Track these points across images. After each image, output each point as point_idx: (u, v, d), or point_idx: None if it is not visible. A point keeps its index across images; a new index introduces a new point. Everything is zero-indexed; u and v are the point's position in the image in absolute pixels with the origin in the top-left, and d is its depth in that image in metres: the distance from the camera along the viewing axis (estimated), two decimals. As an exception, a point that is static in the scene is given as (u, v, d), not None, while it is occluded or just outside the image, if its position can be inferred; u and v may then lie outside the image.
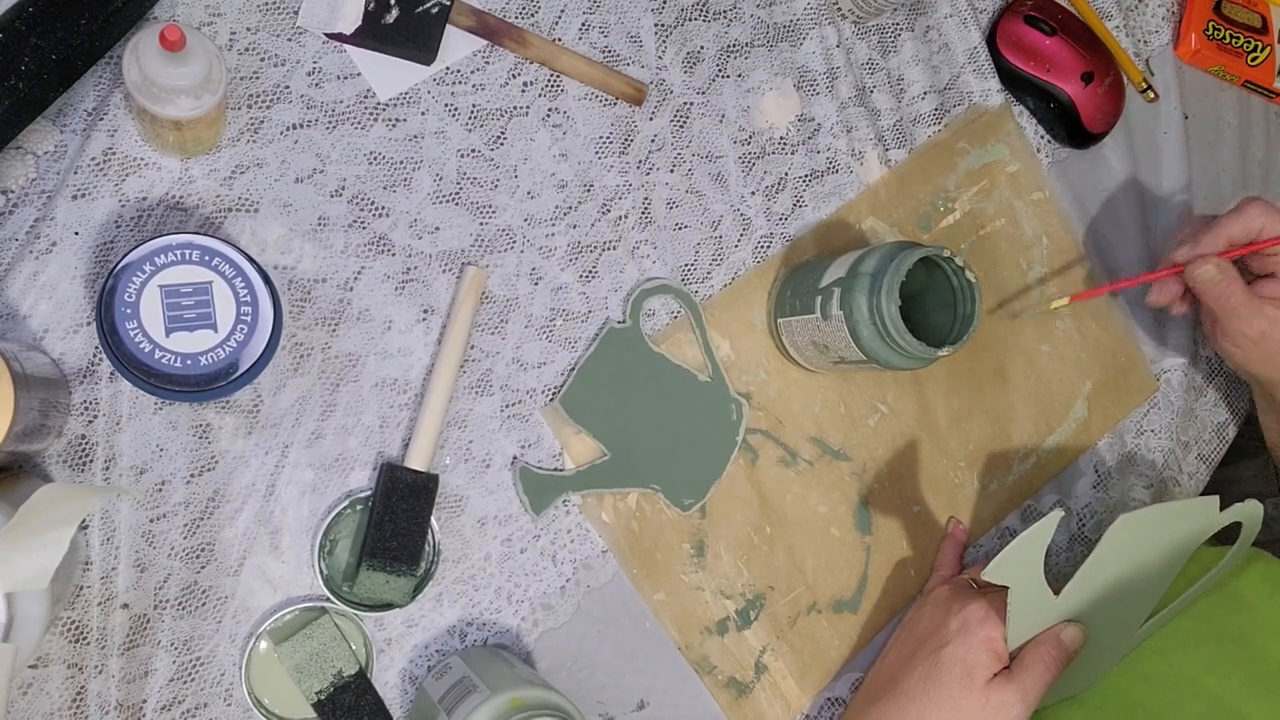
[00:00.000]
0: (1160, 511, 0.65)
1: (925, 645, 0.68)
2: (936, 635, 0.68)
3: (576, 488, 0.70)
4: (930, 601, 0.72)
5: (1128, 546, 0.65)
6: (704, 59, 0.76)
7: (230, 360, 0.57)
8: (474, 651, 0.67)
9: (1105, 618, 0.67)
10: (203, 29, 0.66)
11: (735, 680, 0.73)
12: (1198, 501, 0.67)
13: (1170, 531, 0.66)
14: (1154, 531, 0.66)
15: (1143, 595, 0.69)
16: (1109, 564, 0.65)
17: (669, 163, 0.75)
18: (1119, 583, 0.66)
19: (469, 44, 0.71)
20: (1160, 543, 0.66)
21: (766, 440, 0.75)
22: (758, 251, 0.76)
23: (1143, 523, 0.64)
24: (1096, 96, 0.84)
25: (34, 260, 0.62)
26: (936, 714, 0.65)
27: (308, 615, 0.65)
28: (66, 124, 0.63)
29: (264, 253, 0.66)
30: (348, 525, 0.66)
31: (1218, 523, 0.68)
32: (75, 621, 0.61)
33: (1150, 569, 0.67)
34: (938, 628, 0.68)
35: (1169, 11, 0.93)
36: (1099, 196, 0.87)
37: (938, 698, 0.65)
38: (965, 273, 0.67)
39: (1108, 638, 0.69)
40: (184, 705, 0.63)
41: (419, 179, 0.69)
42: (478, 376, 0.69)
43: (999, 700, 0.64)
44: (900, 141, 0.81)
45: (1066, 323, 0.84)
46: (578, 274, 0.72)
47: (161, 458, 0.63)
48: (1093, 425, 0.84)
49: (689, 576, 0.72)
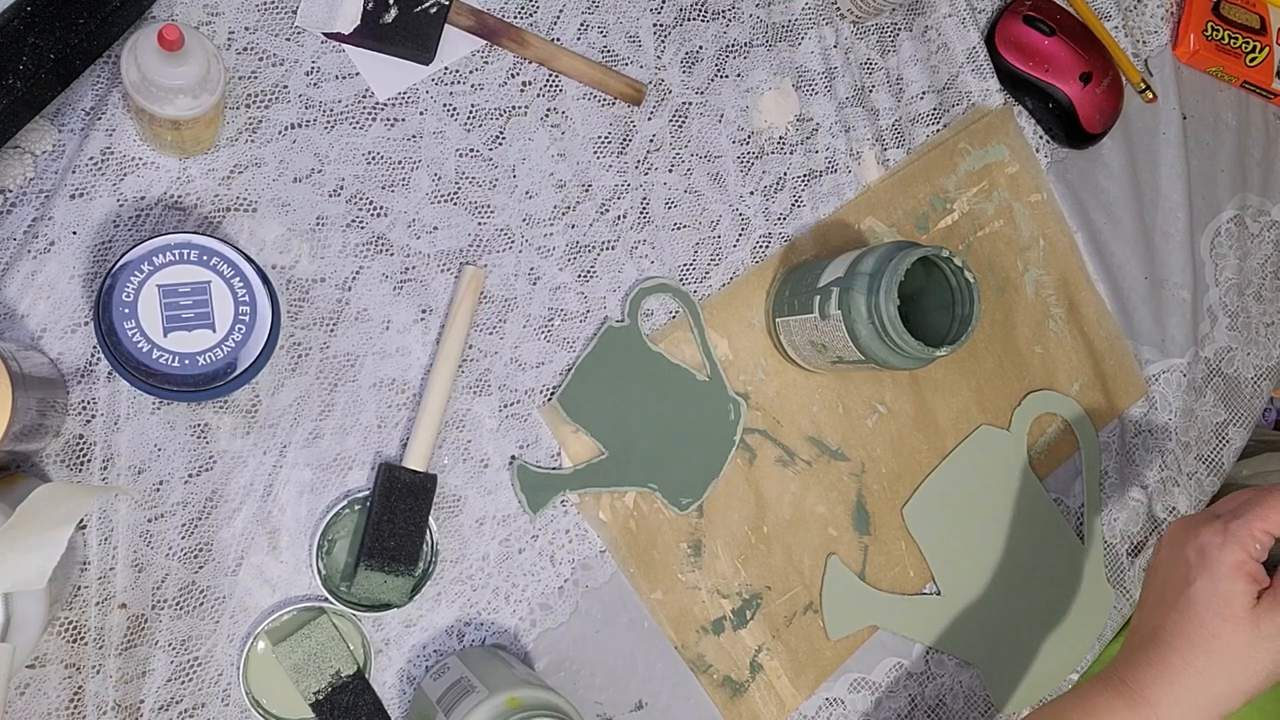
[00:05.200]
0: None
1: (1169, 587, 0.61)
2: (1178, 573, 0.61)
3: (574, 486, 0.70)
4: (1164, 543, 0.65)
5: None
6: (703, 59, 0.76)
7: (228, 360, 0.57)
8: (472, 651, 0.67)
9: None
10: (201, 28, 0.66)
11: (730, 679, 0.73)
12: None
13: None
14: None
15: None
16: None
17: (667, 162, 0.75)
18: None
19: (467, 44, 0.71)
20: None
21: (764, 440, 0.75)
22: (756, 251, 0.76)
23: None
24: (1095, 97, 0.84)
25: (32, 260, 0.62)
26: (1204, 658, 0.58)
27: (306, 615, 0.65)
28: (64, 123, 0.63)
29: (262, 252, 0.66)
30: (346, 525, 0.66)
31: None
32: (73, 621, 0.61)
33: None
34: (1173, 564, 0.62)
35: (1168, 12, 0.93)
36: (1097, 197, 0.87)
37: (1200, 639, 0.58)
38: (964, 273, 0.67)
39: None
40: (182, 705, 0.63)
41: (417, 179, 0.69)
42: (476, 376, 0.69)
43: (1272, 626, 0.57)
44: (899, 141, 0.81)
45: (1059, 325, 0.84)
46: (576, 274, 0.72)
47: (159, 457, 0.63)
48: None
49: (686, 576, 0.72)
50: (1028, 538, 0.81)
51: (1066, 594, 0.82)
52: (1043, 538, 0.82)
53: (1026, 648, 0.81)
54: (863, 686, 0.77)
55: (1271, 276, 0.94)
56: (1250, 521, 0.59)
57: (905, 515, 0.78)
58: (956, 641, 0.79)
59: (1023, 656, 0.81)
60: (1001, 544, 0.80)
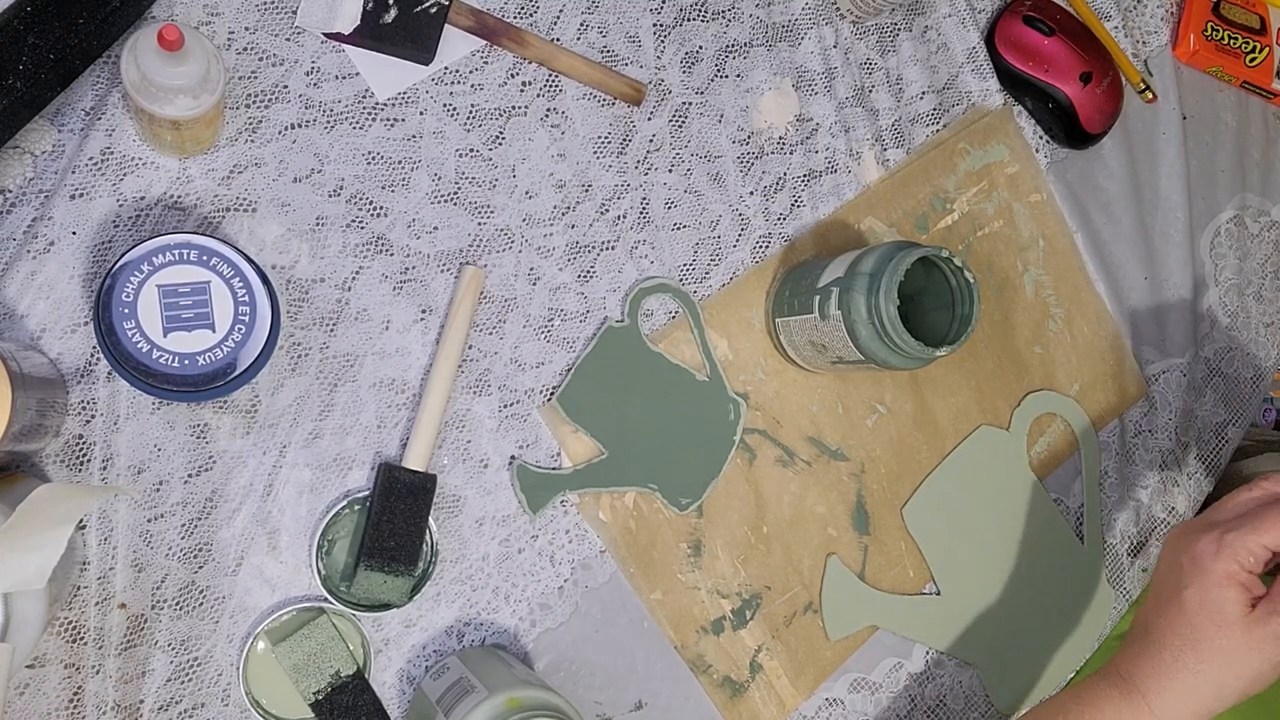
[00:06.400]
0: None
1: (1164, 590, 0.64)
2: (1172, 577, 0.64)
3: (574, 486, 0.70)
4: (1165, 546, 0.67)
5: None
6: (702, 59, 0.76)
7: (228, 360, 0.57)
8: (472, 652, 0.67)
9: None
10: (201, 28, 0.66)
11: (730, 680, 0.73)
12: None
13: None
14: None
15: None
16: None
17: (667, 163, 0.75)
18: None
19: (467, 44, 0.71)
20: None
21: (764, 440, 0.75)
22: (756, 251, 0.76)
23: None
24: (1095, 97, 0.84)
25: (31, 260, 0.62)
26: (1193, 655, 0.61)
27: (305, 615, 0.65)
28: (64, 123, 0.63)
29: (262, 252, 0.66)
30: (346, 525, 0.66)
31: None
32: (73, 621, 0.61)
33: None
34: (1170, 569, 0.64)
35: (1167, 12, 0.93)
36: (1097, 197, 0.87)
37: (1192, 640, 0.61)
38: (964, 273, 0.67)
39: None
40: (181, 705, 0.63)
41: (417, 179, 0.69)
42: (476, 376, 0.69)
43: (1264, 633, 0.59)
44: (898, 141, 0.81)
45: (1059, 325, 0.84)
46: (576, 274, 0.72)
47: (159, 457, 0.63)
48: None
49: (685, 576, 0.72)
50: (1027, 538, 0.81)
51: (1066, 594, 0.83)
52: (1042, 538, 0.82)
53: (1026, 648, 0.81)
54: (863, 686, 0.77)
55: (1271, 276, 0.94)
56: (1246, 535, 0.61)
57: (905, 515, 0.78)
58: (956, 641, 0.79)
59: (1022, 656, 0.81)
60: (1001, 544, 0.81)
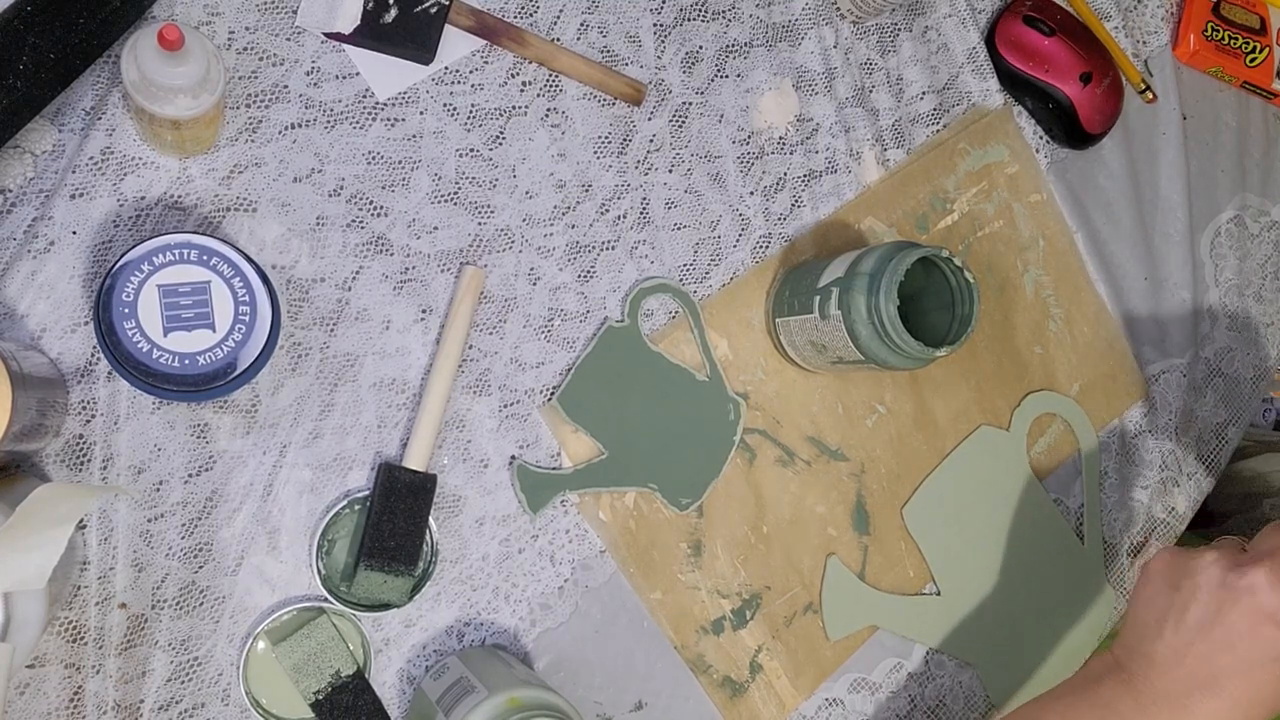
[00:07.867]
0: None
1: (1213, 634, 0.59)
2: (1200, 605, 0.59)
3: (574, 486, 0.70)
4: (1178, 570, 0.62)
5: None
6: (703, 59, 0.76)
7: (228, 360, 0.57)
8: (472, 652, 0.67)
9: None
10: (201, 28, 0.66)
11: (730, 680, 0.73)
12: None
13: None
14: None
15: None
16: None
17: (667, 163, 0.75)
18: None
19: (468, 44, 0.71)
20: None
21: (764, 440, 0.75)
22: (756, 251, 0.76)
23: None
24: (1095, 97, 0.84)
25: (32, 259, 0.62)
26: (1246, 684, 0.58)
27: (305, 615, 0.65)
28: (65, 123, 0.63)
29: (262, 252, 0.66)
30: (346, 525, 0.66)
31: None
32: (73, 621, 0.61)
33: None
34: (1220, 609, 0.59)
35: (1168, 12, 0.93)
36: (1097, 197, 0.87)
37: (1263, 697, 0.58)
38: (964, 273, 0.67)
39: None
40: (181, 705, 0.63)
41: (417, 179, 0.69)
42: (476, 376, 0.69)
43: None
44: (899, 141, 0.81)
45: (1059, 325, 0.84)
46: (576, 274, 0.72)
47: (159, 457, 0.63)
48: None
49: (685, 576, 0.72)
50: (1027, 538, 0.81)
51: (1066, 594, 0.83)
52: (1042, 538, 0.82)
53: (1026, 648, 0.81)
54: (862, 687, 0.77)
55: (1271, 277, 0.94)
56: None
57: (905, 515, 0.78)
58: (956, 642, 0.79)
59: (1022, 657, 0.81)
60: (1001, 544, 0.81)
